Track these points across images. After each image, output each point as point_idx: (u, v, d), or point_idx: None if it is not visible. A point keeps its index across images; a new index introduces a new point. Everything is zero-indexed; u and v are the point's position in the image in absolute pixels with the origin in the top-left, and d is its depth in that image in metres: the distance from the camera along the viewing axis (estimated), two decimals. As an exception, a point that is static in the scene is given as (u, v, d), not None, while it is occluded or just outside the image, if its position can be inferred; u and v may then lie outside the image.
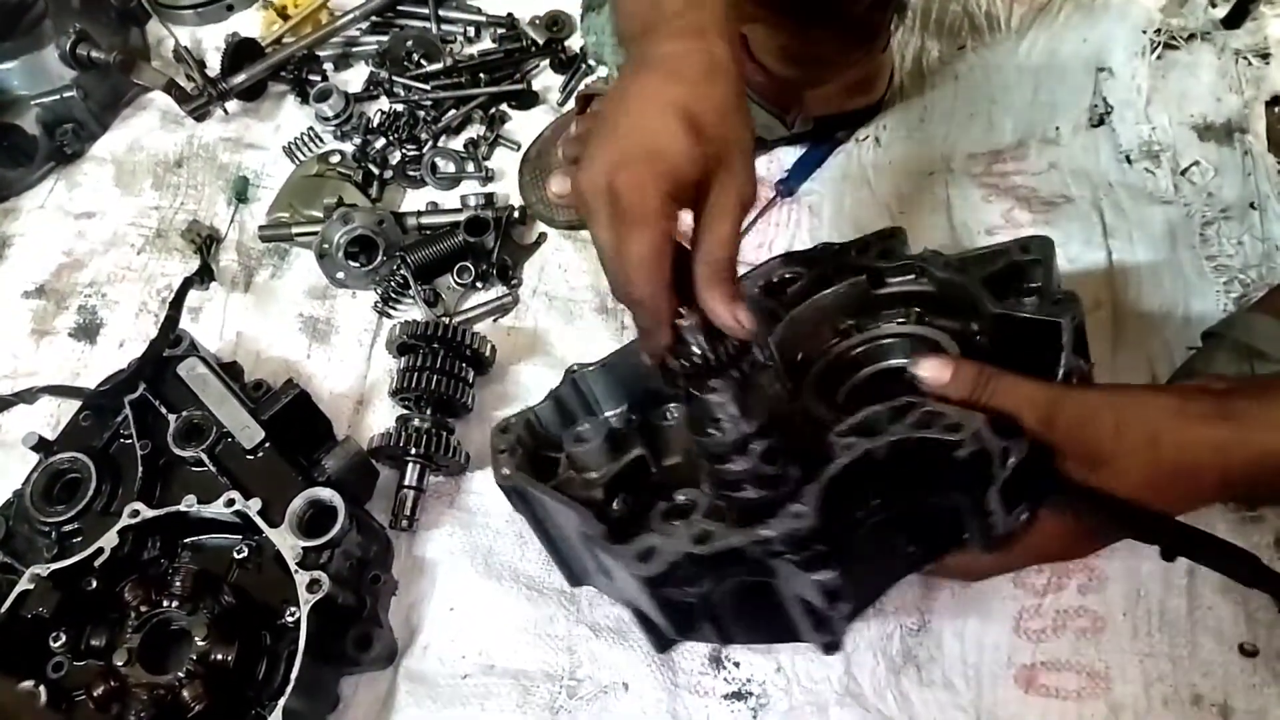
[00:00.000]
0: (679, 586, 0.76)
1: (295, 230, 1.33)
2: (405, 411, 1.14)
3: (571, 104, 1.42)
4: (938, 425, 0.72)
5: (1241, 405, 0.73)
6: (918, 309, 0.95)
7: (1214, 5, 1.31)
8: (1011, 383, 0.75)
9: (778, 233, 1.29)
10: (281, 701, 0.91)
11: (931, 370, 0.76)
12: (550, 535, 0.94)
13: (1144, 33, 1.31)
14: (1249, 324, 1.02)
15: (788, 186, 1.32)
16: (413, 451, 1.08)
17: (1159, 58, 1.30)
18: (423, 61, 1.50)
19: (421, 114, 1.45)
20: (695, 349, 0.73)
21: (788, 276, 0.99)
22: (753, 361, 0.76)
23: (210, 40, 1.58)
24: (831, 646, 0.79)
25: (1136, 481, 0.73)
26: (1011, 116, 1.31)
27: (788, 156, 1.34)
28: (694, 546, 0.72)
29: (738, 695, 0.98)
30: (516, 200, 1.35)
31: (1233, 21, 1.29)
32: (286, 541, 0.98)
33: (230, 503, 1.01)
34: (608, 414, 0.98)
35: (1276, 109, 1.25)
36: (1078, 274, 1.15)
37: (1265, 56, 1.27)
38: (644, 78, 0.75)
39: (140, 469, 1.06)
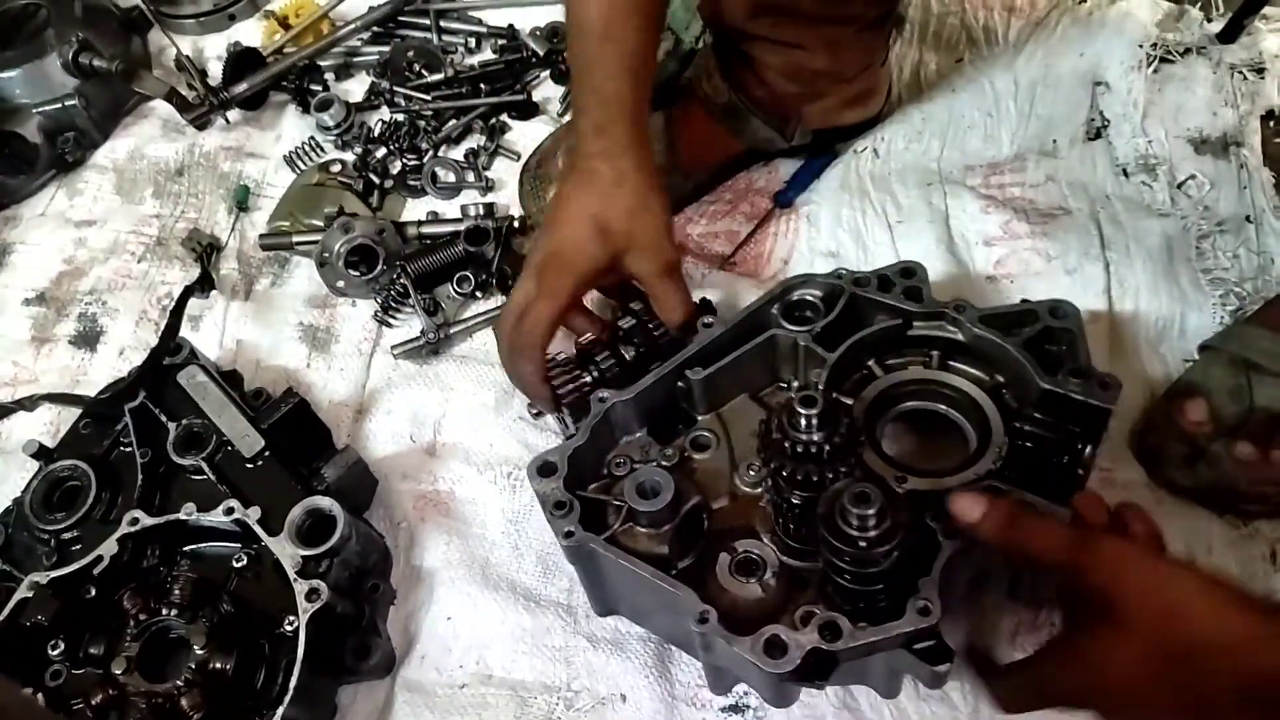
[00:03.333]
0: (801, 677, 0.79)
1: (296, 239, 1.34)
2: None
3: (571, 115, 1.43)
4: None
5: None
6: (938, 351, 0.98)
7: (1209, 20, 1.32)
8: (1041, 526, 0.76)
9: (776, 242, 1.29)
10: (280, 710, 0.91)
11: (965, 508, 0.79)
12: (600, 579, 0.96)
13: (1140, 47, 1.32)
14: (1245, 337, 1.03)
15: (787, 198, 1.32)
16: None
17: (1155, 72, 1.31)
18: (424, 72, 1.51)
19: (422, 124, 1.45)
20: (802, 435, 0.79)
21: (808, 299, 1.02)
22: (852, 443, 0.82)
23: (212, 49, 1.59)
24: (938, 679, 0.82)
25: (1144, 650, 0.67)
26: (1009, 129, 1.32)
27: (786, 168, 1.35)
28: (823, 643, 0.76)
29: (735, 709, 0.98)
30: (516, 210, 1.36)
31: (1228, 36, 1.30)
32: (285, 550, 0.99)
33: (230, 511, 1.01)
34: (626, 439, 1.00)
35: (1271, 123, 1.26)
36: (1075, 285, 1.16)
37: (1260, 71, 1.28)
38: (568, 188, 1.06)
39: (140, 477, 1.06)
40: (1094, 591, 0.70)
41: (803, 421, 0.79)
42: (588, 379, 1.04)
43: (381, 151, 1.43)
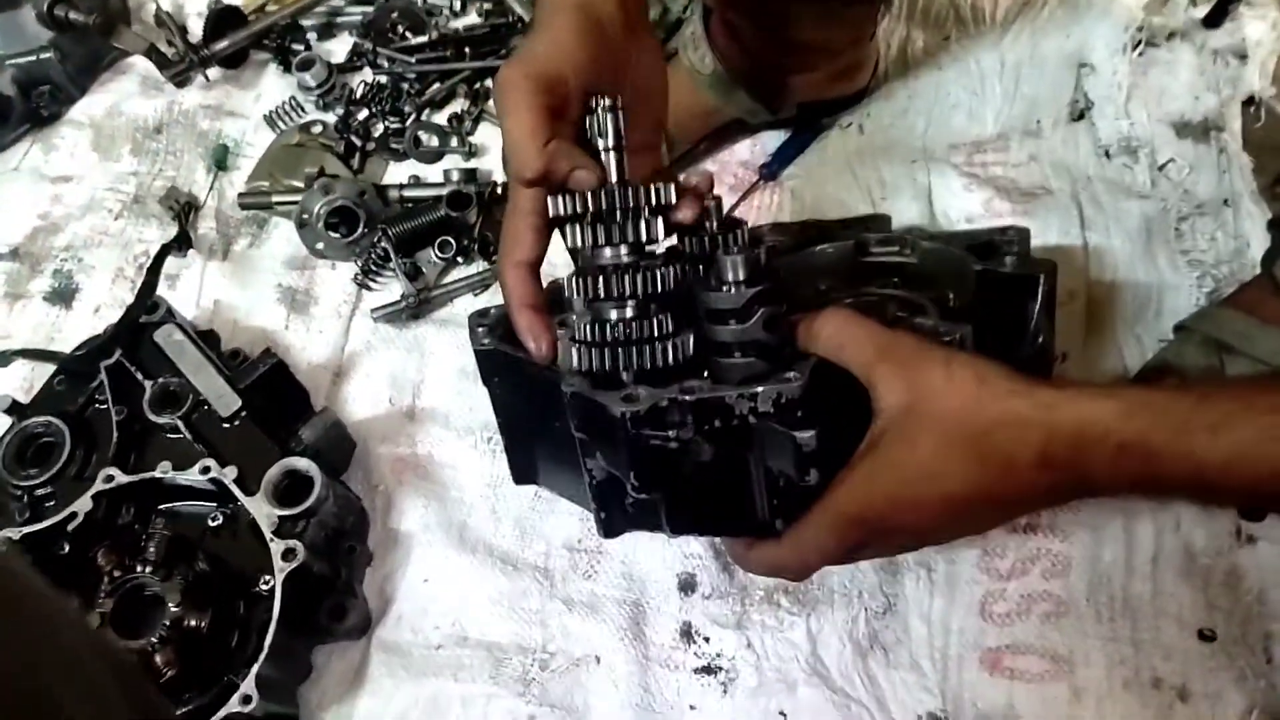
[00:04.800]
0: (661, 428, 0.73)
1: (275, 199, 1.33)
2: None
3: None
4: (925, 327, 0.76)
5: (1068, 382, 0.73)
6: (897, 279, 0.96)
7: (1194, 4, 1.33)
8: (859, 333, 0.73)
9: (760, 215, 1.29)
10: (254, 669, 0.91)
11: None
12: (512, 420, 0.93)
13: (1125, 30, 1.32)
14: (1219, 319, 1.04)
15: (771, 170, 1.32)
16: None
17: (1140, 55, 1.31)
18: (408, 34, 1.49)
19: (405, 86, 1.44)
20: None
21: (776, 243, 1.00)
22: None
23: (192, 6, 1.56)
24: (777, 534, 0.77)
25: (956, 420, 0.68)
26: (993, 108, 1.32)
27: (772, 141, 1.35)
28: (680, 393, 0.72)
29: (708, 670, 0.99)
30: (499, 176, 1.35)
31: (1212, 21, 1.31)
32: (262, 510, 0.99)
33: (206, 470, 1.01)
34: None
35: (1252, 109, 1.27)
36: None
37: (1242, 57, 1.29)
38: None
39: (115, 434, 1.05)
40: (905, 369, 0.70)
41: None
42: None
43: (364, 113, 1.42)
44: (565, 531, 1.08)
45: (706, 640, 1.01)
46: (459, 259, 1.28)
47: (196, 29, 1.48)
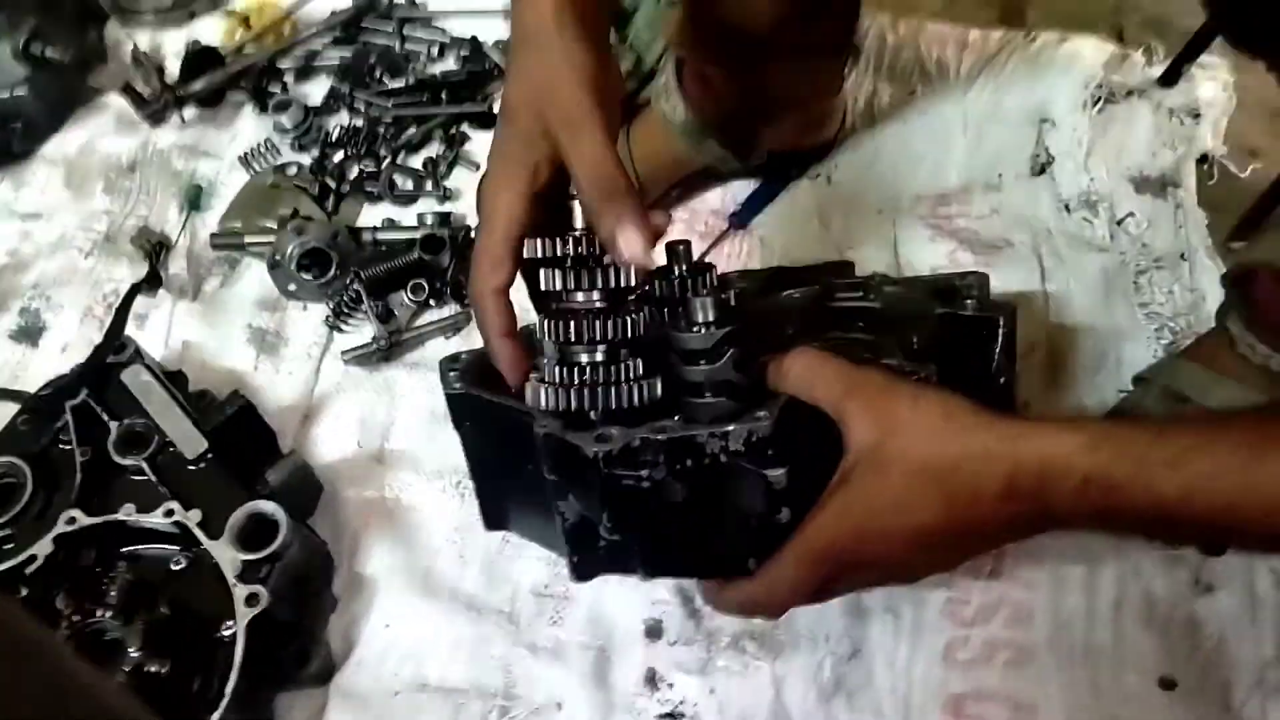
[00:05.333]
0: (634, 468, 0.74)
1: (248, 240, 1.33)
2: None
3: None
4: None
5: (1036, 419, 0.75)
6: (862, 324, 0.98)
7: (1150, 64, 1.37)
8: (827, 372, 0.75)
9: (730, 263, 1.31)
10: (215, 716, 0.90)
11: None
12: (483, 465, 0.93)
13: (1086, 86, 1.36)
14: (1176, 370, 1.06)
15: (741, 219, 1.35)
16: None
17: (1100, 111, 1.35)
18: (385, 78, 1.51)
19: (381, 130, 1.45)
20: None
21: (744, 289, 1.01)
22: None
23: (170, 45, 1.56)
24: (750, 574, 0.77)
25: (924, 453, 0.69)
26: (956, 162, 1.36)
27: (742, 190, 1.37)
28: (651, 433, 0.73)
29: (671, 716, 0.99)
30: (473, 220, 1.36)
31: (1168, 80, 1.35)
32: (226, 554, 0.98)
33: (170, 513, 1.00)
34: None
35: (1205, 166, 1.31)
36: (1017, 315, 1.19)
37: (1196, 116, 1.33)
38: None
39: (79, 476, 1.04)
40: (872, 408, 0.72)
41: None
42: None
43: (339, 156, 1.43)
44: (533, 576, 1.08)
45: (670, 686, 1.01)
46: (431, 302, 1.29)
47: (173, 68, 1.49)
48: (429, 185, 1.40)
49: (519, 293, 0.80)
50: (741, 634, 1.02)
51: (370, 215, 1.39)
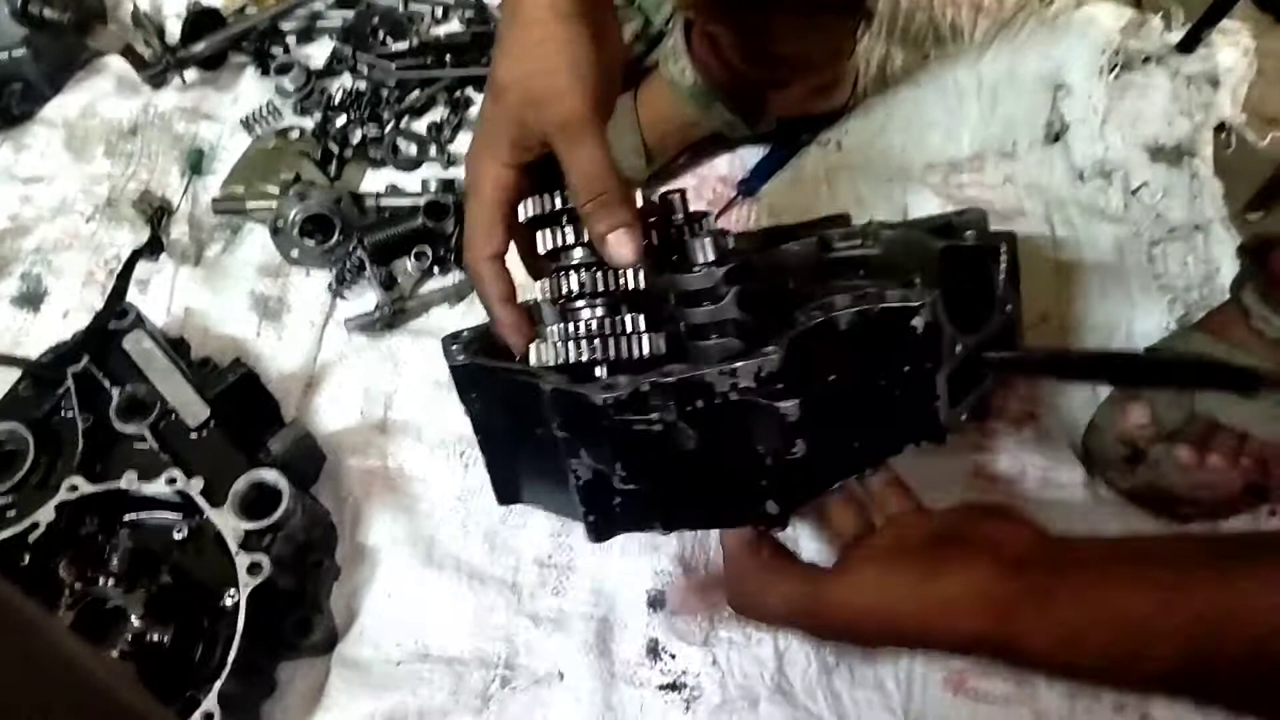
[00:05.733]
0: (644, 413, 0.73)
1: (250, 205, 1.31)
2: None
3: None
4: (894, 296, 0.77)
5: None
6: (862, 271, 0.98)
7: (1169, 30, 1.34)
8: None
9: (738, 229, 1.29)
10: (217, 685, 0.90)
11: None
12: (492, 435, 0.92)
13: (1102, 53, 1.33)
14: (1189, 343, 1.05)
15: (749, 185, 1.33)
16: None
17: (1116, 78, 1.32)
18: (389, 40, 1.48)
19: (385, 93, 1.43)
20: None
21: (740, 248, 1.00)
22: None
23: (171, 7, 1.54)
24: (778, 519, 0.77)
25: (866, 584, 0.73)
26: (970, 128, 1.33)
27: (751, 157, 1.35)
28: (660, 377, 0.73)
29: (673, 686, 0.99)
30: (477, 186, 1.34)
31: (1186, 47, 1.32)
32: (228, 523, 0.97)
33: (172, 481, 1.00)
34: None
35: (1223, 135, 1.29)
36: (1028, 286, 1.18)
37: (1214, 83, 1.30)
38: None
39: (81, 443, 1.04)
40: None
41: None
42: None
43: (342, 119, 1.41)
44: (536, 547, 1.08)
45: (673, 657, 1.01)
46: (435, 269, 1.27)
47: (174, 30, 1.47)
48: (433, 150, 1.38)
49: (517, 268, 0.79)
50: (744, 606, 1.02)
51: (373, 180, 1.38)
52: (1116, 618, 0.59)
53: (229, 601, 0.95)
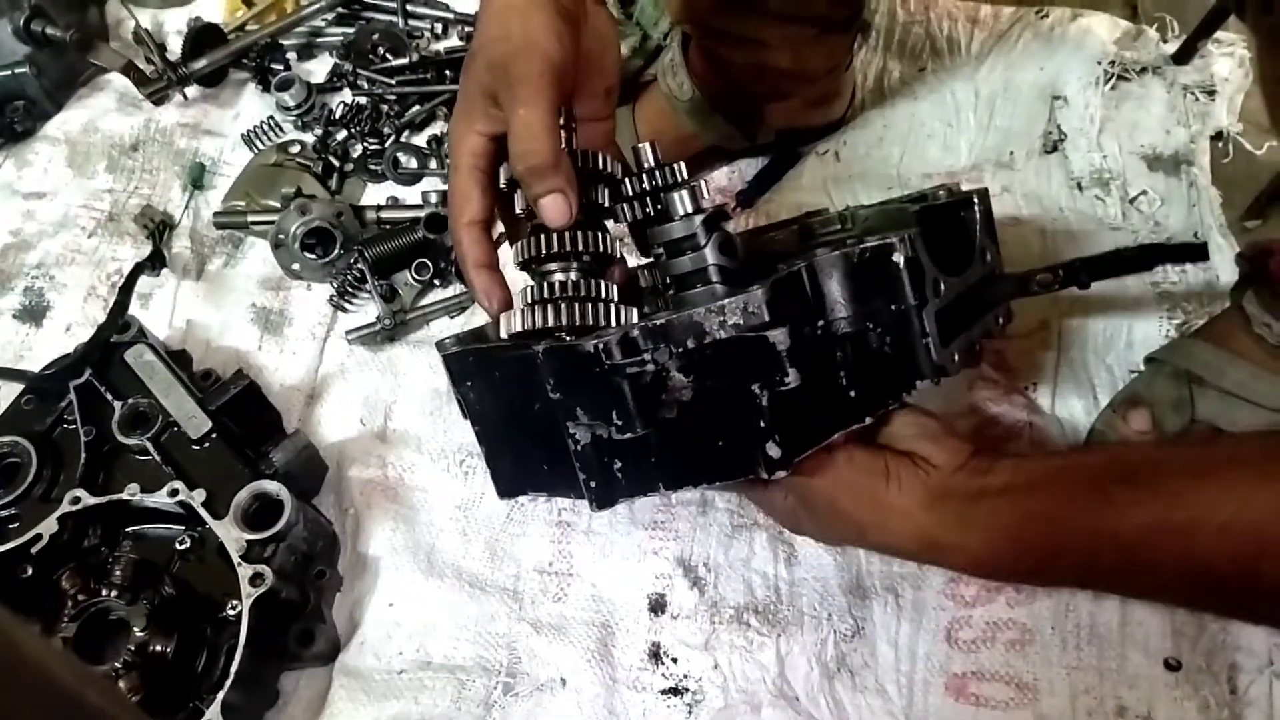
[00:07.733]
0: (635, 357, 0.74)
1: (251, 219, 1.32)
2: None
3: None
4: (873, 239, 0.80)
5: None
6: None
7: (1165, 41, 1.35)
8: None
9: (736, 242, 1.30)
10: (220, 696, 0.90)
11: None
12: (488, 422, 0.91)
13: (1099, 64, 1.34)
14: (1189, 351, 1.05)
15: (747, 196, 1.33)
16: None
17: (1112, 88, 1.33)
18: (388, 55, 1.49)
19: (385, 108, 1.44)
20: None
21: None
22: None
23: (172, 24, 1.56)
24: (780, 462, 0.76)
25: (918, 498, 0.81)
26: (967, 139, 1.34)
27: (750, 168, 1.36)
28: (649, 322, 0.74)
29: (675, 691, 0.99)
30: (478, 199, 1.35)
31: (1182, 57, 1.33)
32: (230, 534, 0.98)
33: (174, 492, 1.00)
34: None
35: (1220, 143, 1.29)
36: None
37: (1211, 93, 1.31)
38: None
39: (83, 455, 1.04)
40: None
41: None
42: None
43: (342, 134, 1.42)
44: (537, 554, 1.08)
45: (675, 661, 1.01)
46: (435, 281, 1.28)
47: (175, 47, 1.48)
48: (433, 164, 1.39)
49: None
50: (745, 609, 1.02)
51: (374, 194, 1.39)
52: (1019, 544, 0.78)
53: (231, 612, 0.95)
